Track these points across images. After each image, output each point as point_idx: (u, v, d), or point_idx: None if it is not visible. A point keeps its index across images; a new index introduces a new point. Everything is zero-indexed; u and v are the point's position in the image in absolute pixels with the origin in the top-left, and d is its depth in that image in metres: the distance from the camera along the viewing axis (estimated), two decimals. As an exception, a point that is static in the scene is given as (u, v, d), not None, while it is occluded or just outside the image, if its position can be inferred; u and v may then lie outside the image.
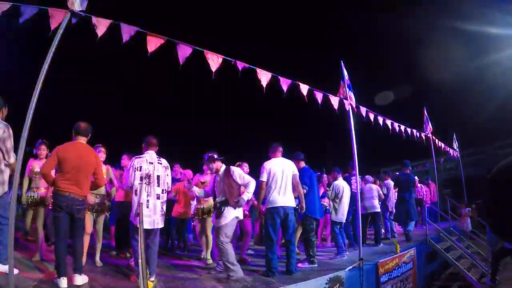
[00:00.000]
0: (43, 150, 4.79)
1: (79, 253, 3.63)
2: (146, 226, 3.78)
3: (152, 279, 3.84)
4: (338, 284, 4.33)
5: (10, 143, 3.50)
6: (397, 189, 8.06)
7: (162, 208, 4.02)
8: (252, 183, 4.37)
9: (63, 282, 3.36)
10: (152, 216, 3.89)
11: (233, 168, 4.50)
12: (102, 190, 4.66)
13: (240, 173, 4.45)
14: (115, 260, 4.98)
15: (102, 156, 4.67)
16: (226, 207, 4.27)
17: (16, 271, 3.35)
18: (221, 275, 4.28)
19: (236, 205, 4.28)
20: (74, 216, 3.56)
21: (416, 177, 8.75)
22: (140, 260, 2.99)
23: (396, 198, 8.21)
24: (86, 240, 4.26)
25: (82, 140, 3.78)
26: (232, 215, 4.28)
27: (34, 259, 4.42)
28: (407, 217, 7.53)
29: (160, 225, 4.01)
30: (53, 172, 3.68)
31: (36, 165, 4.72)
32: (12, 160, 3.50)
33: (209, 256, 5.26)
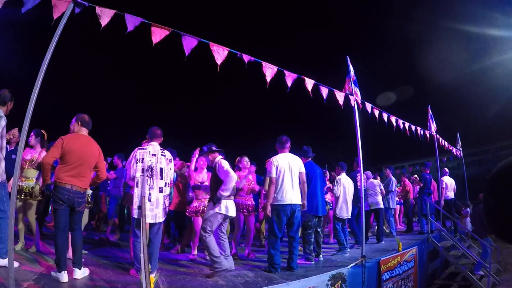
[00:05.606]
0: (30, 137, 4.55)
1: (78, 246, 3.59)
2: (148, 220, 3.71)
3: (153, 274, 3.80)
4: (340, 281, 4.30)
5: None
6: (421, 186, 8.99)
7: (164, 202, 3.91)
8: (229, 179, 4.07)
9: (64, 276, 3.31)
10: (154, 210, 3.77)
11: (220, 161, 4.27)
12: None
13: (222, 167, 4.18)
14: (116, 254, 4.96)
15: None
16: (210, 203, 4.24)
17: (16, 264, 3.32)
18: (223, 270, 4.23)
19: (213, 201, 4.14)
20: (75, 208, 3.52)
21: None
22: (142, 255, 2.95)
23: (417, 194, 9.59)
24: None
25: (84, 132, 3.73)
26: (212, 210, 4.14)
27: (31, 250, 4.43)
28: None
29: (161, 219, 3.90)
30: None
31: (27, 153, 4.50)
32: None
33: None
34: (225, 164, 4.23)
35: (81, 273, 3.52)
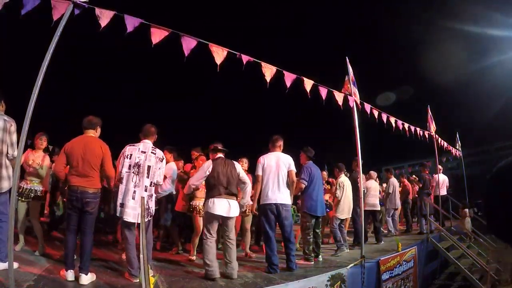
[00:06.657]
0: (39, 140, 4.64)
1: (86, 251, 3.53)
2: (130, 219, 3.60)
3: (151, 274, 3.76)
4: (339, 282, 4.30)
5: (15, 137, 3.53)
6: (421, 186, 9.11)
7: (147, 201, 3.67)
8: (189, 180, 4.35)
9: (71, 274, 3.39)
10: (137, 209, 3.55)
11: (204, 163, 4.39)
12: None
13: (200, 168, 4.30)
14: (116, 255, 4.95)
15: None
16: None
17: (16, 265, 3.33)
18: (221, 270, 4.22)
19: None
20: (84, 208, 3.51)
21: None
22: (141, 255, 2.95)
23: (416, 194, 9.61)
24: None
25: (91, 133, 3.75)
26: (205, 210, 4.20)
27: (36, 253, 4.42)
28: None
29: (145, 219, 3.62)
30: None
31: (31, 156, 4.52)
32: (16, 153, 3.49)
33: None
34: (202, 166, 4.25)
35: (88, 279, 3.47)
